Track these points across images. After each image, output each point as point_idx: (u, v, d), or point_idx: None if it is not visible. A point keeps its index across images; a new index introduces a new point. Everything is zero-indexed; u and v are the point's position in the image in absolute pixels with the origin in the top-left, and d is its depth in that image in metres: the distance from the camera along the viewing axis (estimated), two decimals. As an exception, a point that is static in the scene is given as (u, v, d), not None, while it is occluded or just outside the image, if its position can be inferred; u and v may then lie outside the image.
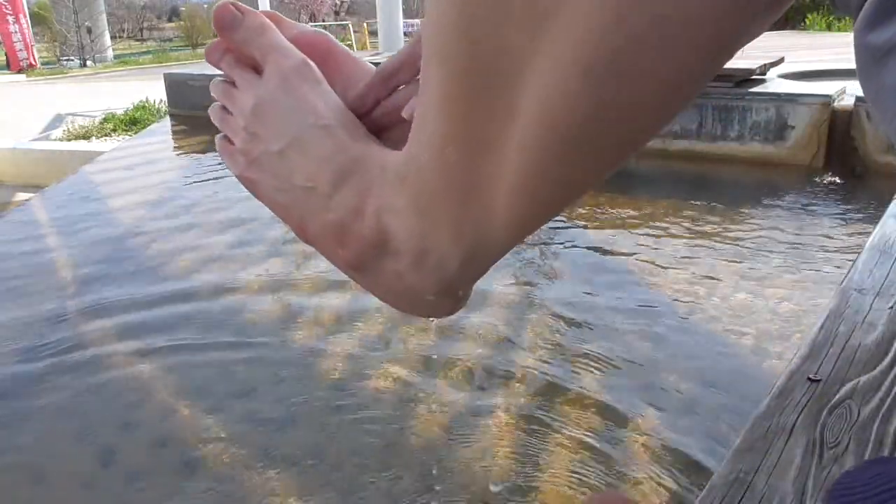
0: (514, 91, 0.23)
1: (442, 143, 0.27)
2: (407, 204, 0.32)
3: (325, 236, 0.38)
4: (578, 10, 0.20)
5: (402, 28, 10.05)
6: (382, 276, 0.37)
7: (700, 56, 0.21)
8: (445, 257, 0.32)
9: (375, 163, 0.35)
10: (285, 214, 0.39)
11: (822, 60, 6.25)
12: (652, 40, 0.20)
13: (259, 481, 1.75)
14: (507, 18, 0.22)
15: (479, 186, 0.27)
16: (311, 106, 0.37)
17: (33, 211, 4.29)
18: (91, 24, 22.79)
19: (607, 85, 0.21)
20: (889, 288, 0.98)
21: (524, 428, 1.89)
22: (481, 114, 0.25)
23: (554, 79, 0.21)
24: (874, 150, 3.90)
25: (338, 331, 2.49)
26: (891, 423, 0.69)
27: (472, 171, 0.27)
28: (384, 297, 0.39)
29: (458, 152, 0.27)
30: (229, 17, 0.38)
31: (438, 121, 0.27)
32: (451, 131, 0.27)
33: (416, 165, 0.30)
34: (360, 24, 20.01)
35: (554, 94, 0.22)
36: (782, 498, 0.62)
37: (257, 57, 0.39)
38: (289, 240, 3.44)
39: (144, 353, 2.41)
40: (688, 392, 2.02)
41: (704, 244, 3.10)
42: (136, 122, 7.98)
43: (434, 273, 0.34)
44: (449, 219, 0.30)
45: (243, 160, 0.40)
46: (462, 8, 0.23)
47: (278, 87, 0.38)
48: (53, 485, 1.80)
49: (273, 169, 0.38)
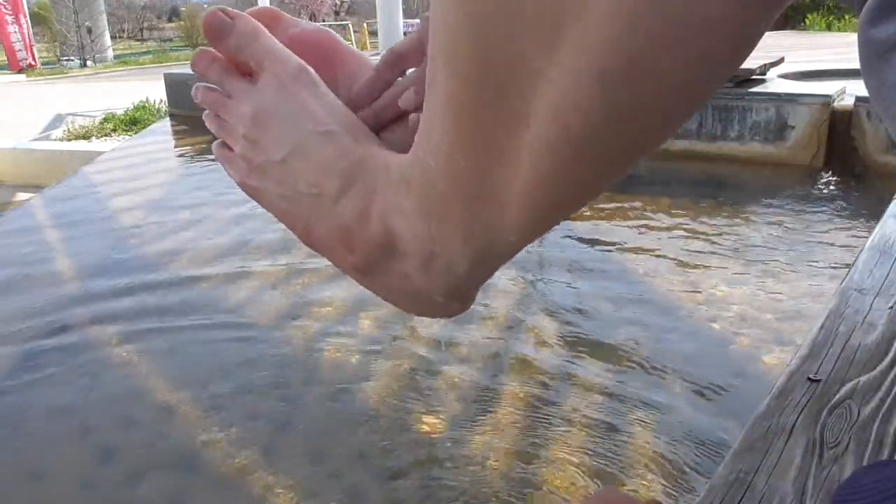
0: (525, 97, 0.23)
1: (450, 148, 0.27)
2: (413, 206, 0.32)
3: (331, 241, 0.38)
4: (593, 16, 0.20)
5: (402, 28, 10.06)
6: (390, 278, 0.36)
7: (713, 58, 0.21)
8: (454, 260, 0.32)
9: (379, 165, 0.35)
10: (290, 220, 0.39)
11: (822, 60, 6.25)
12: (666, 44, 0.20)
13: (259, 480, 1.75)
14: (519, 25, 0.21)
15: (488, 191, 0.27)
16: (311, 112, 0.37)
17: (33, 211, 4.29)
18: (91, 24, 22.78)
19: (621, 90, 0.21)
20: (889, 288, 0.98)
21: (524, 428, 1.89)
22: (491, 120, 0.24)
23: (567, 85, 0.21)
24: (874, 150, 3.90)
25: (339, 327, 2.49)
26: (891, 423, 0.69)
27: (481, 176, 0.26)
28: (392, 299, 0.39)
29: (467, 158, 0.26)
30: (219, 25, 0.37)
31: (446, 126, 0.27)
32: (458, 137, 0.26)
33: (421, 169, 0.30)
34: (360, 24, 20.02)
35: (567, 101, 0.22)
36: (782, 498, 0.62)
37: (252, 64, 0.38)
38: (290, 238, 3.44)
39: (144, 351, 2.41)
40: (688, 391, 2.02)
41: (704, 244, 3.10)
42: (136, 122, 7.98)
43: (442, 275, 0.33)
44: (457, 222, 0.30)
45: (244, 167, 0.39)
46: (472, 14, 0.22)
47: (276, 94, 0.37)
48: (52, 482, 1.80)
49: (276, 176, 0.38)
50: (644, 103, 0.21)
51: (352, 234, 0.36)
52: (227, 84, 0.39)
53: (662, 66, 0.20)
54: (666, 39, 0.19)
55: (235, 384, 2.18)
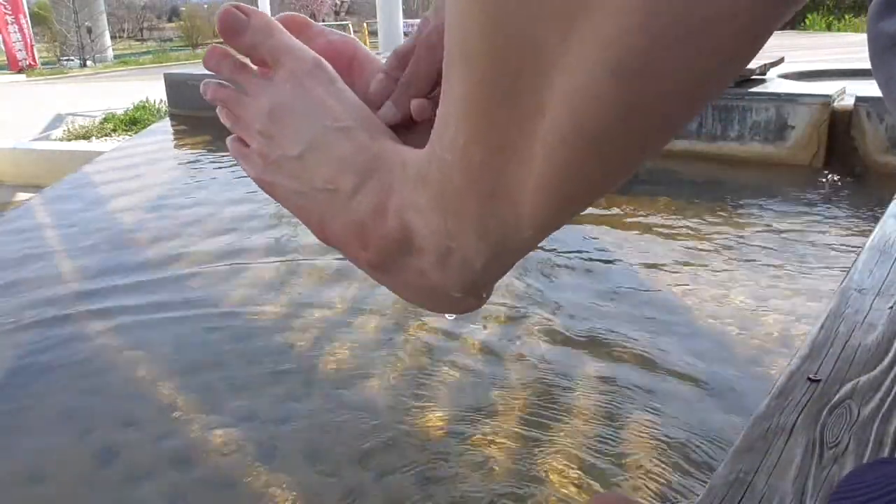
0: (540, 91, 0.23)
1: (465, 143, 0.27)
2: (429, 202, 0.32)
3: (346, 237, 0.38)
4: (608, 7, 0.20)
5: (402, 28, 10.06)
6: (405, 274, 0.37)
7: (729, 51, 0.21)
8: (470, 255, 0.32)
9: (396, 161, 0.35)
10: (305, 216, 0.39)
11: (822, 60, 6.25)
12: (680, 37, 0.20)
13: (259, 479, 1.75)
14: (536, 17, 0.21)
15: (504, 186, 0.27)
16: (328, 108, 0.37)
17: (33, 211, 4.29)
18: (91, 24, 22.80)
19: (636, 83, 0.21)
20: (889, 288, 0.98)
21: (525, 428, 1.89)
22: (506, 115, 0.25)
23: (582, 78, 0.21)
24: (874, 150, 3.90)
25: (339, 326, 2.49)
26: (891, 423, 0.69)
27: (497, 171, 0.27)
28: (407, 295, 0.39)
29: (483, 153, 0.27)
30: (234, 21, 0.37)
31: (461, 122, 0.27)
32: (474, 133, 0.26)
33: (438, 165, 0.30)
34: (361, 24, 20.03)
35: (581, 94, 0.22)
36: (782, 498, 0.62)
37: (267, 60, 0.38)
38: (290, 238, 3.44)
39: (144, 350, 2.41)
40: (687, 391, 2.02)
41: (704, 243, 3.10)
42: (136, 122, 7.98)
43: (458, 271, 0.34)
44: (473, 217, 0.30)
45: (260, 163, 0.39)
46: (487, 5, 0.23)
47: (293, 90, 0.37)
48: (52, 481, 1.80)
49: (292, 172, 0.38)
50: (659, 97, 0.21)
51: (367, 229, 0.36)
52: (242, 80, 0.39)
53: (677, 59, 0.20)
54: (680, 32, 0.20)
55: (235, 384, 2.18)
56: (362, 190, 0.36)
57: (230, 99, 0.40)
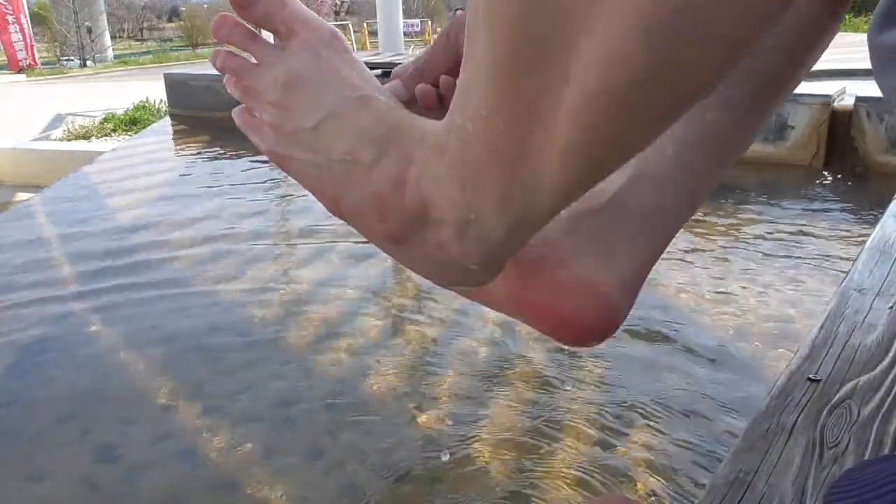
0: (568, 56, 0.22)
1: (489, 113, 0.26)
2: (450, 173, 0.31)
3: (363, 210, 0.37)
4: None
5: (402, 28, 10.06)
6: (423, 247, 0.36)
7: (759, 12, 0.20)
8: (490, 226, 0.31)
9: (415, 131, 0.34)
10: (318, 189, 0.38)
11: (822, 60, 6.24)
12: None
13: (259, 478, 1.75)
14: None
15: (527, 154, 0.26)
16: (346, 77, 0.36)
17: (33, 211, 4.29)
18: (91, 24, 22.81)
19: (667, 45, 0.20)
20: (889, 288, 0.98)
21: (525, 427, 1.89)
22: (532, 82, 0.24)
23: (612, 41, 0.21)
24: (874, 150, 3.90)
25: (339, 325, 2.49)
26: (891, 423, 0.69)
27: (521, 140, 0.26)
28: (421, 269, 0.38)
29: (506, 121, 0.26)
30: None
31: (485, 90, 0.26)
32: (498, 101, 0.26)
33: (458, 134, 0.29)
34: (360, 24, 20.03)
35: (611, 57, 0.21)
36: (782, 498, 0.62)
37: (281, 31, 0.37)
38: (290, 237, 3.45)
39: (144, 350, 2.41)
40: (687, 391, 2.02)
41: (703, 243, 3.10)
42: (136, 122, 7.98)
43: (478, 243, 0.33)
44: (494, 188, 0.29)
45: (272, 135, 0.38)
46: None
47: (309, 59, 0.37)
48: (51, 481, 1.80)
49: (307, 144, 0.37)
50: (690, 58, 0.21)
51: (386, 202, 0.35)
52: (254, 49, 0.39)
53: (709, 19, 0.20)
54: None
55: (235, 383, 2.19)
56: (382, 161, 0.35)
57: (241, 68, 0.39)
